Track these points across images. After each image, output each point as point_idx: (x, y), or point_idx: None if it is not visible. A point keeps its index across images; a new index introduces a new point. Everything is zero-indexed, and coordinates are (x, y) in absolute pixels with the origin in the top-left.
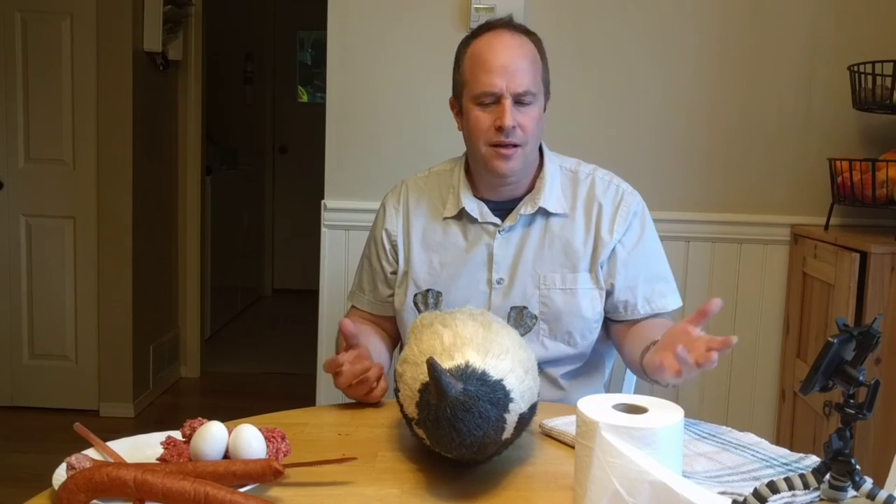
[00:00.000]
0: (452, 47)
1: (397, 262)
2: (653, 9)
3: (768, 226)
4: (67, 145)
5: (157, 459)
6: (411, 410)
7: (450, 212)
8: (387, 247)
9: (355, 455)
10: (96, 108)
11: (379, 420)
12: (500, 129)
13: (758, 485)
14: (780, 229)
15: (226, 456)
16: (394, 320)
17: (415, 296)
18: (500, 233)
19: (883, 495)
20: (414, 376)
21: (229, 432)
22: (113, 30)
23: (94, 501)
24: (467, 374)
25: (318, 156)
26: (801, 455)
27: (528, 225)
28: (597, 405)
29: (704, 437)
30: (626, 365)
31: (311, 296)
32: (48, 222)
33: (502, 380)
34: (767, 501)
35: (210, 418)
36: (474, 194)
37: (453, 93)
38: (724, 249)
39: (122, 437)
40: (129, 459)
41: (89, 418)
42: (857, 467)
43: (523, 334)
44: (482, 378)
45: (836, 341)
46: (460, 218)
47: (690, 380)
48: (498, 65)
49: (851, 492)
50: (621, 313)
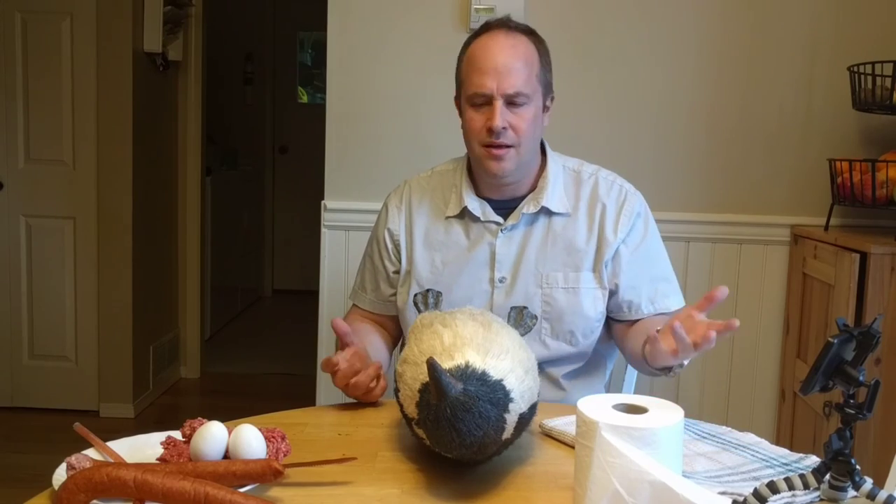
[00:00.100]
0: (452, 48)
1: (399, 262)
2: (653, 9)
3: (768, 226)
4: (67, 145)
5: (157, 459)
6: (411, 410)
7: (452, 211)
8: (389, 246)
9: (355, 455)
10: (96, 109)
11: (379, 420)
12: (490, 130)
13: (758, 485)
14: (780, 230)
15: (226, 456)
16: (395, 319)
17: (415, 296)
18: (502, 231)
19: (883, 495)
20: (414, 376)
21: (229, 432)
22: (113, 30)
23: (94, 501)
24: (467, 374)
25: (318, 156)
26: (801, 455)
27: (531, 224)
28: (597, 405)
29: (704, 437)
30: (628, 359)
31: (311, 296)
32: (48, 222)
33: (502, 380)
34: (767, 501)
35: (210, 418)
36: (477, 193)
37: (456, 92)
38: (724, 250)
39: (122, 437)
40: (129, 459)
41: (89, 419)
42: (857, 467)
43: (523, 334)
44: (482, 378)
45: (836, 341)
46: (463, 217)
47: (686, 365)
48: (489, 66)
49: (851, 492)
50: (625, 313)
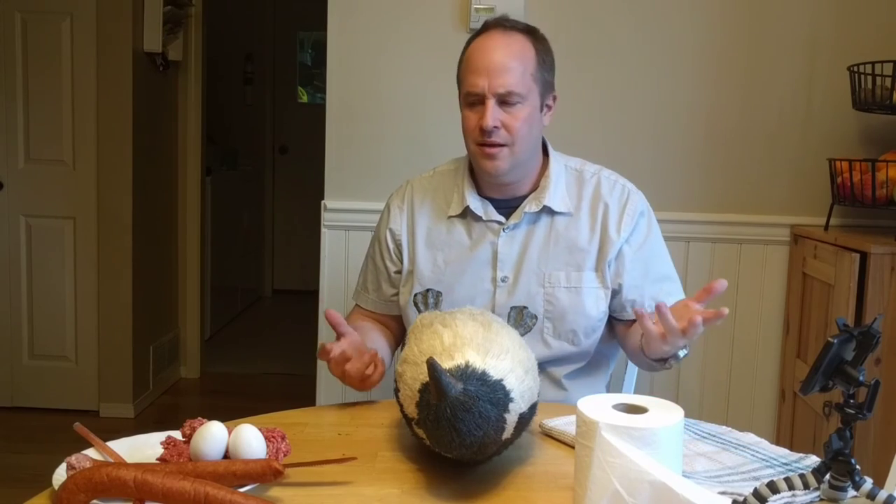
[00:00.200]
0: (452, 47)
1: (401, 262)
2: (652, 9)
3: (768, 226)
4: (67, 145)
5: (157, 459)
6: (411, 410)
7: (454, 210)
8: (391, 246)
9: (355, 455)
10: (96, 109)
11: (379, 420)
12: (482, 129)
13: (758, 485)
14: (780, 229)
15: (226, 456)
16: (398, 319)
17: (415, 296)
18: (504, 231)
19: (883, 495)
20: (414, 376)
21: (229, 432)
22: (113, 30)
23: (94, 501)
24: (467, 374)
25: (318, 156)
26: (801, 455)
27: (533, 223)
28: (597, 405)
29: (704, 437)
30: (629, 356)
31: (311, 296)
32: (48, 222)
33: (502, 380)
34: (767, 501)
35: (210, 418)
36: (479, 193)
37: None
38: (724, 250)
39: (122, 437)
40: (129, 459)
41: (89, 419)
42: (857, 467)
43: (523, 334)
44: (482, 378)
45: (836, 341)
46: (465, 216)
47: (682, 358)
48: (482, 65)
49: (851, 492)
50: (628, 312)
